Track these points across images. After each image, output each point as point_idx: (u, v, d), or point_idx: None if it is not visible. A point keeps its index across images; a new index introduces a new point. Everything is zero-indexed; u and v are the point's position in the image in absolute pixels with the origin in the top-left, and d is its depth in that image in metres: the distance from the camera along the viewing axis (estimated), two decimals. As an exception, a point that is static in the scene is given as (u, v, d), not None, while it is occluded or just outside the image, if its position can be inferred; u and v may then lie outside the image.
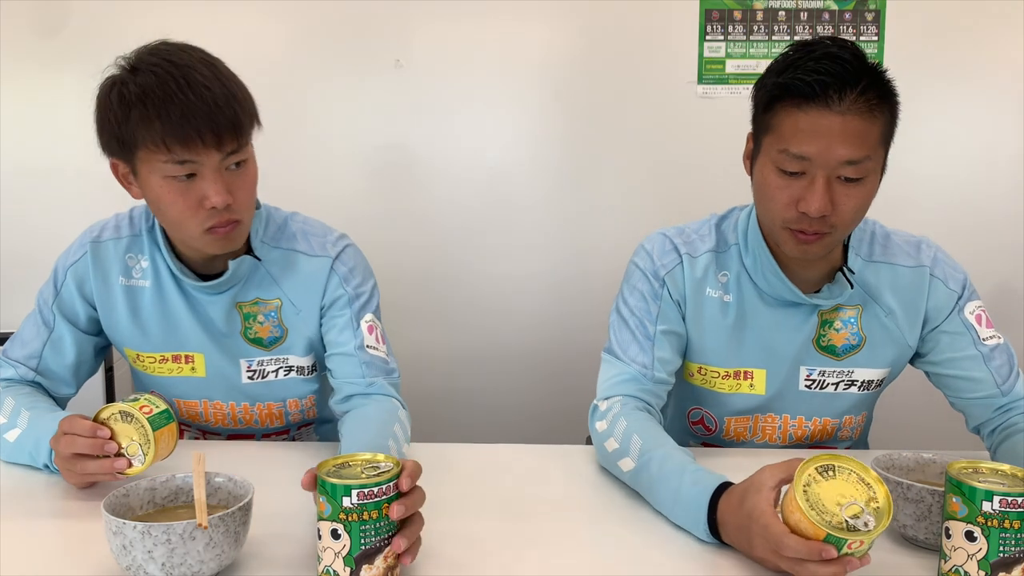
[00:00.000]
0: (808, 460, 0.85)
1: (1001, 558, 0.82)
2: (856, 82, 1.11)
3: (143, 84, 1.15)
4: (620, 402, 1.22)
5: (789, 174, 1.14)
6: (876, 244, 1.30)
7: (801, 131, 1.12)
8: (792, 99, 1.13)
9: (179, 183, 1.18)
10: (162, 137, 1.14)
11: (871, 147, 1.13)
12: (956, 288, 1.29)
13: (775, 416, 1.33)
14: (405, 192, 2.43)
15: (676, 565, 0.96)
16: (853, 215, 1.16)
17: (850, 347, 1.29)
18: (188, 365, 1.37)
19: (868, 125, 1.12)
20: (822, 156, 1.11)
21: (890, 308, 1.28)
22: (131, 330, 1.36)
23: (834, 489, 0.83)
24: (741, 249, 1.29)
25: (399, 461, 0.90)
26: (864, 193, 1.15)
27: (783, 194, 1.16)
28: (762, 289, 1.28)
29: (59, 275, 1.36)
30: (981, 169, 2.40)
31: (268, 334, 1.36)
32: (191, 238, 1.24)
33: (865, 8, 2.35)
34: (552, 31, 2.37)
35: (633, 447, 1.12)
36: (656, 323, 1.28)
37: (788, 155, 1.13)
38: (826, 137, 1.10)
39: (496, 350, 2.49)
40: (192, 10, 2.32)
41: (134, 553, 0.84)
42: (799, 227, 1.16)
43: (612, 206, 2.42)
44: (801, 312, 1.28)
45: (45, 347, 1.34)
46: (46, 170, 2.39)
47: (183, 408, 1.41)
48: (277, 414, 1.41)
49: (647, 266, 1.31)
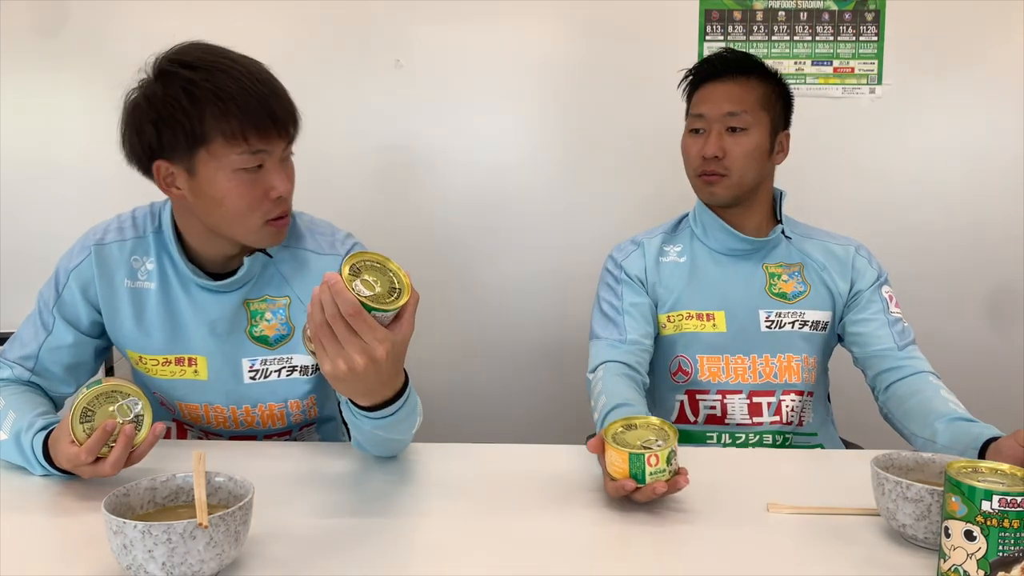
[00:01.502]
0: (615, 421, 1.15)
1: (1000, 557, 0.82)
2: (734, 64, 1.53)
3: (213, 79, 1.17)
4: (603, 368, 1.47)
5: (695, 132, 1.54)
6: (812, 229, 1.63)
7: (700, 99, 1.54)
8: (697, 82, 1.56)
9: (248, 175, 1.22)
10: (240, 129, 1.18)
11: (748, 104, 1.50)
12: (876, 269, 1.58)
13: (744, 357, 1.54)
14: (405, 192, 2.44)
15: (677, 565, 0.96)
16: (742, 160, 1.50)
17: (798, 293, 1.56)
18: (191, 368, 1.36)
19: (744, 90, 1.51)
20: (711, 111, 1.51)
21: (823, 265, 1.57)
22: (135, 332, 1.36)
23: (636, 436, 1.12)
24: (692, 227, 1.62)
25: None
26: (748, 142, 1.50)
27: (692, 149, 1.54)
28: (712, 248, 1.58)
29: (61, 277, 1.36)
30: (981, 169, 2.40)
31: (274, 332, 1.36)
32: (250, 232, 1.26)
33: (865, 8, 2.36)
34: (552, 31, 2.38)
35: (599, 405, 1.38)
36: (622, 300, 1.57)
37: (692, 116, 1.56)
38: (713, 97, 1.52)
39: (497, 349, 2.49)
40: (192, 10, 2.32)
41: (134, 552, 0.84)
42: (703, 170, 1.52)
43: (613, 205, 2.42)
44: (748, 265, 1.57)
45: (42, 349, 1.34)
46: (46, 170, 2.39)
47: (184, 410, 1.40)
48: (279, 415, 1.41)
49: (610, 264, 1.63)
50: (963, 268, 2.44)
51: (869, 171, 2.40)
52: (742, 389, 1.54)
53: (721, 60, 1.54)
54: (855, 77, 2.38)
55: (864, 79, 2.38)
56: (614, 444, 1.09)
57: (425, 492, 1.16)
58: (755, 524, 1.06)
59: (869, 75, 2.38)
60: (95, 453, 1.07)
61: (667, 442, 1.09)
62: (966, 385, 2.44)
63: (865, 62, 2.37)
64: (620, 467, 1.08)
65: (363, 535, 1.02)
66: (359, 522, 1.06)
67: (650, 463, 1.06)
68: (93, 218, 1.42)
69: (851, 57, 2.37)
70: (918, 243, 2.41)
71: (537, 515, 1.09)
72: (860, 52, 2.37)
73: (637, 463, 1.06)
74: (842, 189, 2.40)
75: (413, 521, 1.07)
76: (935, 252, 2.43)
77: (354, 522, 1.06)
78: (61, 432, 1.11)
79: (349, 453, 1.30)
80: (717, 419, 1.55)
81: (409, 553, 0.99)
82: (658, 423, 1.14)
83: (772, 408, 1.54)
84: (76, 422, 1.09)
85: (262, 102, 1.19)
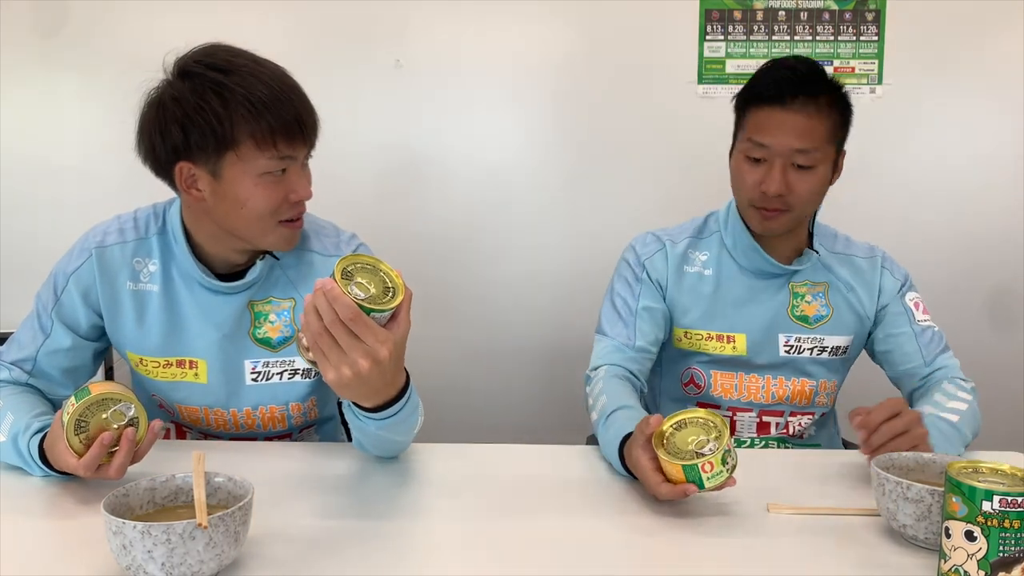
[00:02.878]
0: (665, 419, 1.10)
1: (1001, 558, 0.82)
2: (805, 87, 1.36)
3: (244, 83, 1.18)
4: (604, 370, 1.43)
5: (754, 160, 1.41)
6: (838, 241, 1.56)
7: (762, 125, 1.39)
8: (757, 101, 1.40)
9: (274, 178, 1.23)
10: (271, 134, 1.19)
11: (818, 141, 1.37)
12: (900, 278, 1.53)
13: (758, 376, 1.51)
14: (405, 192, 2.44)
15: (677, 564, 0.96)
16: (807, 197, 1.41)
17: (820, 317, 1.50)
18: (192, 371, 1.35)
19: (815, 122, 1.37)
20: (777, 145, 1.37)
21: (850, 286, 1.51)
22: (136, 334, 1.34)
23: (686, 435, 1.08)
24: (722, 233, 1.53)
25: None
26: (814, 179, 1.40)
27: (749, 177, 1.41)
28: (740, 264, 1.51)
29: (59, 281, 1.34)
30: (981, 169, 2.40)
31: (278, 334, 1.35)
32: (267, 234, 1.27)
33: (865, 8, 2.35)
34: (552, 31, 2.38)
35: (599, 405, 1.34)
36: (638, 301, 1.50)
37: (752, 144, 1.40)
38: (780, 129, 1.37)
39: (498, 349, 2.49)
40: (192, 10, 2.32)
41: (134, 553, 0.84)
42: (762, 205, 1.41)
43: (613, 205, 2.42)
44: (774, 284, 1.50)
45: (39, 352, 1.33)
46: (46, 170, 2.39)
47: (184, 413, 1.39)
48: (279, 418, 1.39)
49: (631, 257, 1.55)
50: (963, 268, 2.44)
51: (869, 171, 2.40)
52: (752, 408, 1.52)
53: (791, 81, 1.36)
54: (855, 77, 2.38)
55: (864, 79, 2.38)
56: (668, 458, 1.05)
57: (425, 492, 1.16)
58: (755, 524, 1.06)
59: (869, 75, 2.38)
60: (93, 468, 1.06)
61: (719, 442, 1.06)
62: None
63: (865, 62, 2.37)
64: (676, 478, 1.06)
65: (363, 535, 1.01)
66: (359, 522, 1.06)
67: (705, 470, 1.04)
68: (93, 218, 1.41)
69: (851, 57, 2.37)
70: (918, 243, 2.41)
71: (537, 515, 1.09)
72: (860, 52, 2.37)
73: (692, 473, 1.04)
74: (842, 189, 2.39)
75: (413, 521, 1.07)
76: (935, 252, 2.43)
77: (354, 522, 1.06)
78: (55, 437, 1.10)
79: (349, 453, 1.29)
80: None
81: (409, 553, 0.98)
82: (705, 416, 1.10)
83: (780, 427, 1.53)
84: (71, 434, 1.07)
85: (291, 108, 1.20)
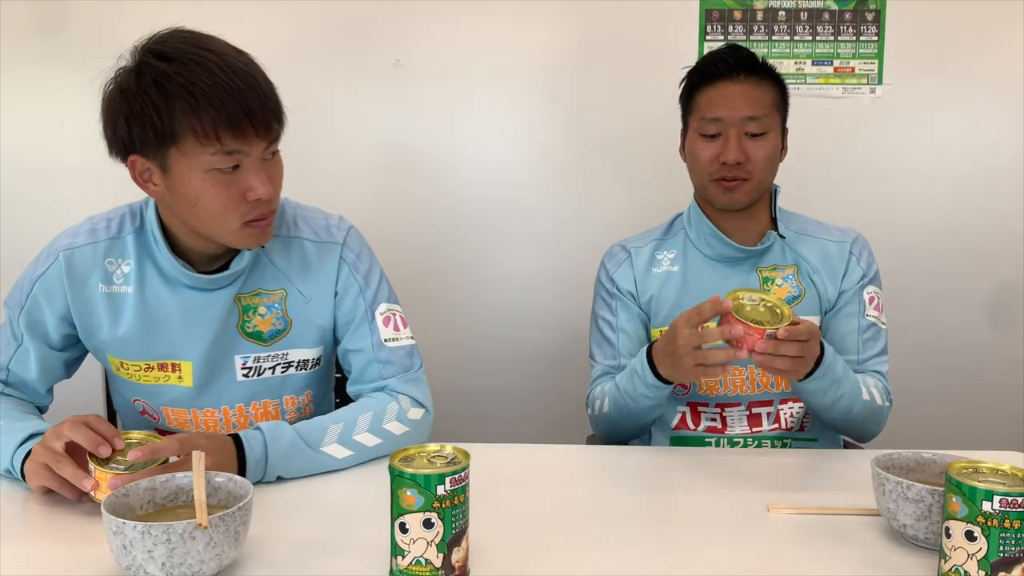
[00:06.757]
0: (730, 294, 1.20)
1: (1001, 558, 0.82)
2: (746, 64, 1.45)
3: (186, 73, 1.09)
4: (599, 386, 1.50)
5: (709, 137, 1.46)
6: (808, 223, 1.58)
7: (713, 101, 1.46)
8: (706, 80, 1.47)
9: (223, 176, 1.14)
10: (214, 127, 1.10)
11: (766, 107, 1.45)
12: (864, 268, 1.54)
13: (741, 368, 1.50)
14: (405, 192, 2.43)
15: (678, 564, 0.96)
16: (763, 164, 1.45)
17: (792, 299, 1.51)
18: (175, 374, 1.29)
19: (760, 91, 1.45)
20: (730, 115, 1.44)
21: (816, 268, 1.52)
22: (113, 338, 1.28)
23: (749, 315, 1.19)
24: (687, 228, 1.57)
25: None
26: (768, 146, 1.45)
27: (706, 153, 1.46)
28: (704, 253, 1.54)
29: (25, 287, 1.28)
30: (981, 168, 2.40)
31: (269, 327, 1.30)
32: (228, 233, 1.19)
33: (865, 8, 2.35)
34: (552, 31, 2.37)
35: (606, 395, 1.45)
36: (616, 318, 1.55)
37: (706, 120, 1.46)
38: (731, 100, 1.44)
39: (497, 348, 2.49)
40: (192, 10, 2.30)
41: (134, 553, 0.84)
42: (721, 176, 1.45)
43: (613, 204, 2.42)
44: (741, 269, 1.52)
45: (12, 360, 1.28)
46: (46, 170, 2.39)
47: (171, 416, 1.33)
48: (273, 413, 1.35)
49: (603, 275, 1.60)
50: (963, 267, 2.44)
51: (869, 171, 2.40)
52: (741, 401, 1.51)
53: (733, 58, 1.45)
54: (855, 77, 2.38)
55: (864, 79, 2.38)
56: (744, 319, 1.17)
57: (425, 492, 1.16)
58: (755, 524, 1.06)
59: (869, 75, 2.38)
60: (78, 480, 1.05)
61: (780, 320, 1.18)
62: (966, 384, 2.46)
63: (865, 62, 2.37)
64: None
65: (363, 535, 1.01)
66: (359, 522, 1.06)
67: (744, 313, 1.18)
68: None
69: (851, 57, 2.37)
70: (918, 242, 2.41)
71: (536, 515, 1.09)
72: (860, 52, 2.37)
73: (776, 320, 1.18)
74: (842, 189, 2.40)
75: (413, 521, 1.07)
76: (935, 251, 2.43)
77: (354, 522, 1.06)
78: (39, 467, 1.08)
79: (349, 453, 1.29)
80: (718, 430, 1.53)
81: (409, 553, 0.98)
82: (760, 296, 1.22)
83: (771, 417, 1.52)
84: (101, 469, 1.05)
85: (238, 98, 1.10)
